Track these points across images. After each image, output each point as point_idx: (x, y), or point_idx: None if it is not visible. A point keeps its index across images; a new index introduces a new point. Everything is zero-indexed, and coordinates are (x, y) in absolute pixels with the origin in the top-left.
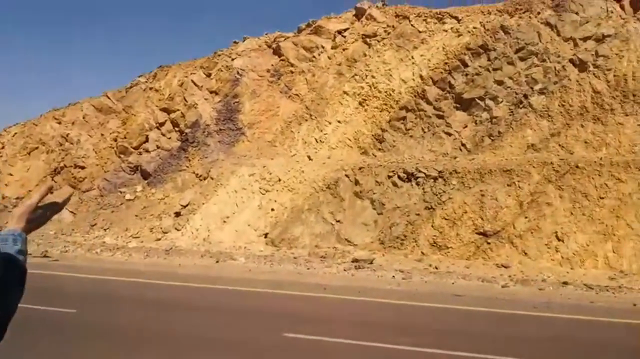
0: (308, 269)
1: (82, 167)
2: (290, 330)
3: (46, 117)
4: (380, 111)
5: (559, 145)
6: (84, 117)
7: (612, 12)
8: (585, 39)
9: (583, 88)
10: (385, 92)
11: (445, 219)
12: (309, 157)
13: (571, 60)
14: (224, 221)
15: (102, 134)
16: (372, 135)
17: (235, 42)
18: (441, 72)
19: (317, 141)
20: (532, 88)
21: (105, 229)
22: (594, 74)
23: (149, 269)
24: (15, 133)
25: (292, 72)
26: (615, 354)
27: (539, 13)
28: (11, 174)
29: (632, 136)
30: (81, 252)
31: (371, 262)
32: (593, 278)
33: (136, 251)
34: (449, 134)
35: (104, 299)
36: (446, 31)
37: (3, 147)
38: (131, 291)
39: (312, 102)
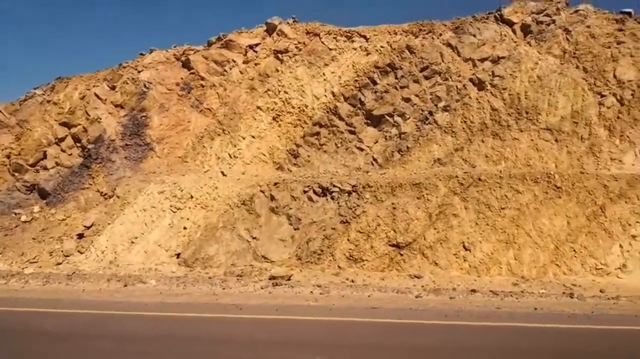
0: (224, 289)
1: None
2: (203, 355)
3: None
4: (295, 126)
5: (463, 159)
6: None
7: (505, 36)
8: (482, 60)
9: (482, 106)
10: (299, 107)
11: (360, 232)
12: (222, 173)
13: (471, 80)
14: (132, 242)
15: None
16: (287, 150)
17: (141, 54)
18: (352, 89)
19: (231, 156)
20: (436, 105)
21: None
22: (491, 92)
23: (49, 296)
24: None
25: (202, 86)
26: (517, 357)
27: (440, 34)
28: None
29: (527, 150)
30: None
31: (289, 279)
32: (498, 285)
33: (34, 278)
34: (361, 149)
35: None
36: (355, 49)
37: None
38: (28, 322)
39: (225, 116)
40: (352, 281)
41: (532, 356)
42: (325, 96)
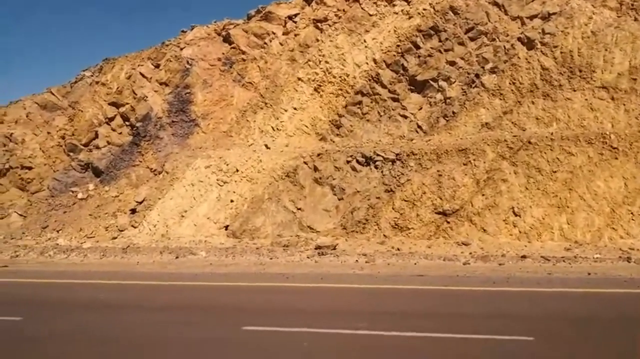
0: (271, 259)
1: (29, 168)
2: (250, 323)
3: None
4: (336, 96)
5: (512, 122)
6: (27, 116)
7: None
8: (531, 17)
9: (532, 66)
10: (340, 77)
11: (405, 200)
12: (266, 146)
13: (519, 39)
14: (182, 216)
15: (48, 132)
16: (329, 121)
17: (183, 31)
18: (394, 55)
19: (274, 129)
20: (483, 67)
21: (58, 231)
22: (541, 51)
23: (106, 269)
24: None
25: (243, 60)
26: (569, 323)
27: None
28: None
29: (580, 111)
30: (33, 256)
31: (334, 248)
32: (550, 250)
33: (92, 252)
34: (405, 117)
35: (55, 304)
36: (397, 13)
37: None
38: (86, 294)
39: (267, 89)
40: (398, 250)
41: (587, 322)
42: (367, 63)
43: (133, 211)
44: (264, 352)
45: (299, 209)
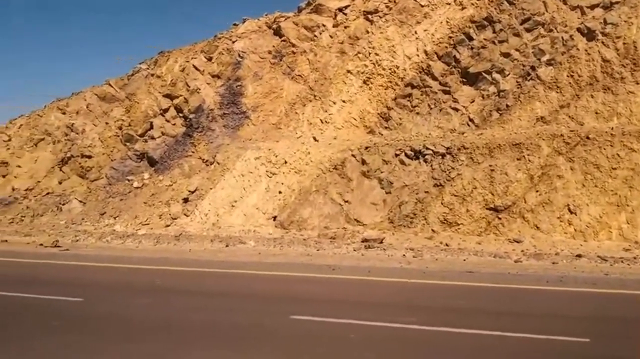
0: (318, 250)
1: (89, 157)
2: (297, 312)
3: (50, 108)
4: (385, 89)
5: (569, 116)
6: (87, 107)
7: None
8: (592, 7)
9: (592, 57)
10: (390, 69)
11: (455, 195)
12: (314, 138)
13: (579, 29)
14: (232, 205)
15: (106, 123)
16: (378, 113)
17: (235, 24)
18: (446, 47)
19: (322, 122)
20: (539, 59)
21: (114, 218)
22: (602, 42)
23: (159, 255)
24: (21, 125)
25: (293, 52)
26: (626, 325)
27: None
28: (19, 166)
29: None
30: (92, 241)
31: (381, 242)
32: (607, 250)
33: (146, 238)
34: (456, 110)
35: (113, 287)
36: (449, 4)
37: (10, 140)
38: (141, 278)
39: (316, 82)
40: (447, 245)
41: None
42: (418, 55)
43: (186, 200)
44: (311, 341)
45: (346, 201)
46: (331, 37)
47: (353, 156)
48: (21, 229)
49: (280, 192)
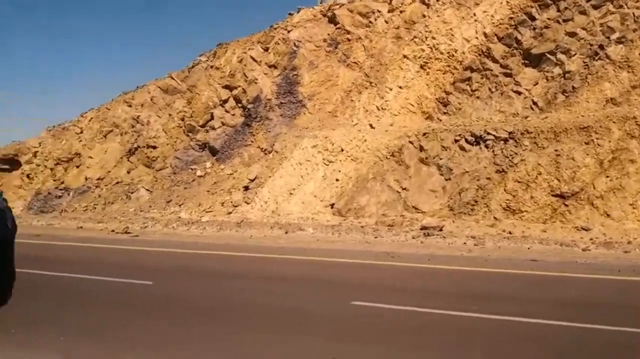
0: (376, 237)
1: (154, 147)
2: (358, 298)
3: (117, 101)
4: (444, 73)
5: None
6: (151, 99)
7: None
8: None
9: None
10: (448, 53)
11: (518, 182)
12: (371, 125)
13: None
14: (291, 193)
15: (169, 114)
16: (436, 99)
17: (290, 13)
18: (506, 28)
19: (378, 109)
20: (608, 38)
21: (179, 205)
22: None
23: (222, 241)
24: (91, 118)
25: (348, 39)
26: None
27: None
28: (91, 157)
29: None
30: (159, 228)
31: (440, 229)
32: None
33: (209, 225)
34: (519, 93)
35: (180, 272)
36: None
37: (82, 132)
38: (205, 263)
39: (372, 69)
40: (510, 233)
41: None
42: (477, 37)
43: (246, 188)
44: (373, 328)
45: (404, 189)
46: (386, 22)
47: (410, 142)
48: (94, 216)
49: (337, 180)
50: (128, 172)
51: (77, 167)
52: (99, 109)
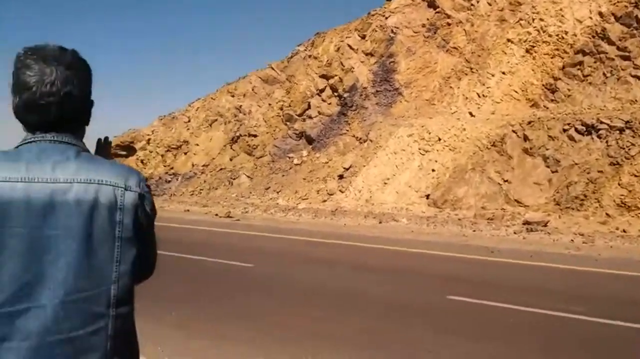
0: (474, 231)
1: (255, 136)
2: (455, 293)
3: (221, 92)
4: (552, 57)
5: None
6: (253, 89)
7: None
8: None
9: None
10: (557, 35)
11: (635, 176)
12: (470, 113)
13: None
14: (385, 183)
15: (269, 104)
16: (543, 85)
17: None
18: (625, 6)
19: (479, 96)
20: None
21: (277, 192)
22: None
23: (317, 228)
24: (198, 107)
25: (448, 24)
26: None
27: None
28: (197, 144)
29: None
30: (258, 213)
31: (545, 225)
32: None
33: (305, 212)
34: (638, 78)
35: (278, 256)
36: None
37: (189, 121)
38: (301, 249)
39: (472, 54)
40: (624, 231)
41: None
42: (591, 17)
43: (341, 176)
44: (469, 323)
45: (506, 181)
46: (489, 4)
47: (514, 131)
48: (200, 200)
49: (433, 170)
50: (230, 160)
51: (185, 154)
52: (204, 99)
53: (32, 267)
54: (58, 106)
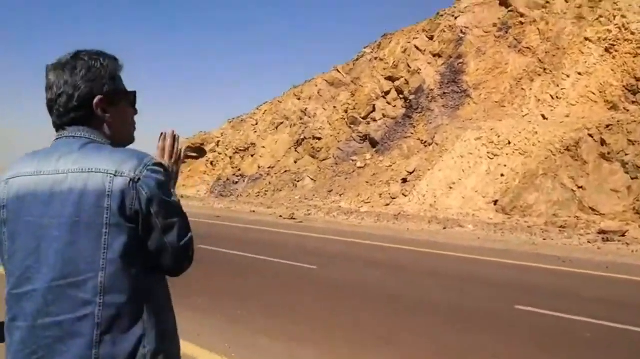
0: (544, 239)
1: (319, 139)
2: (523, 302)
3: (288, 95)
4: (634, 57)
5: None
6: (318, 92)
7: None
8: None
9: None
10: None
11: None
12: (543, 116)
13: None
14: (450, 187)
15: (334, 107)
16: (624, 86)
17: None
18: None
19: (553, 98)
20: None
21: (340, 195)
22: None
23: (379, 232)
24: (265, 110)
25: (521, 23)
26: None
27: None
28: (264, 147)
29: None
30: (321, 216)
31: (623, 235)
32: None
33: (368, 215)
34: None
35: (340, 258)
36: None
37: (257, 124)
38: (363, 252)
39: (547, 54)
40: None
41: None
42: None
43: (404, 180)
44: (538, 335)
45: (580, 187)
46: (566, 1)
47: (590, 135)
48: (265, 201)
49: (502, 175)
50: (295, 162)
51: (252, 156)
52: (272, 102)
53: (33, 254)
54: (59, 107)
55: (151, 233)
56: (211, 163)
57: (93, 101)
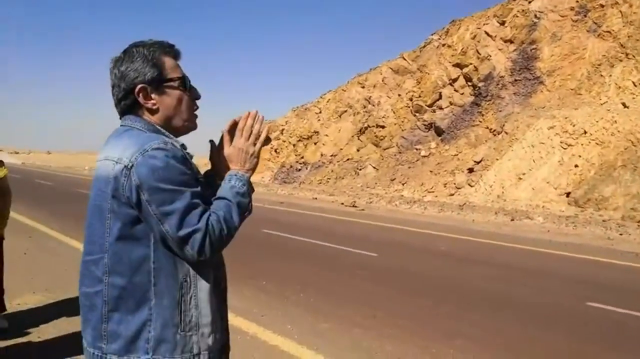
0: (621, 234)
1: (383, 127)
2: (596, 299)
3: (352, 83)
4: None
5: None
6: (383, 80)
7: None
8: None
9: None
10: None
11: None
12: (624, 104)
13: None
14: (520, 178)
15: (399, 95)
16: None
17: None
18: None
19: (635, 85)
20: None
21: (403, 184)
22: None
23: (443, 222)
24: (329, 99)
25: (602, 5)
26: None
27: None
28: (327, 135)
29: None
30: (383, 204)
31: None
32: None
33: (431, 205)
34: None
35: (401, 247)
36: None
37: (320, 112)
38: (425, 242)
39: (629, 38)
40: None
41: None
42: None
43: (470, 170)
44: (612, 334)
45: None
46: None
47: None
48: (327, 189)
49: (576, 166)
50: (357, 150)
51: (315, 144)
52: (335, 91)
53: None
54: (114, 98)
55: (149, 220)
56: (275, 151)
57: (140, 90)
